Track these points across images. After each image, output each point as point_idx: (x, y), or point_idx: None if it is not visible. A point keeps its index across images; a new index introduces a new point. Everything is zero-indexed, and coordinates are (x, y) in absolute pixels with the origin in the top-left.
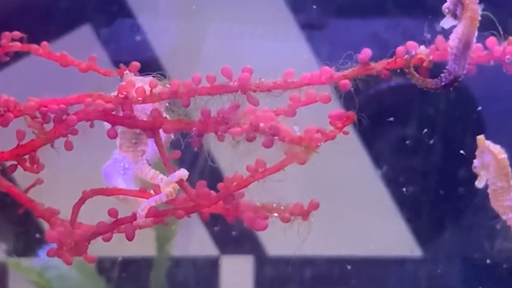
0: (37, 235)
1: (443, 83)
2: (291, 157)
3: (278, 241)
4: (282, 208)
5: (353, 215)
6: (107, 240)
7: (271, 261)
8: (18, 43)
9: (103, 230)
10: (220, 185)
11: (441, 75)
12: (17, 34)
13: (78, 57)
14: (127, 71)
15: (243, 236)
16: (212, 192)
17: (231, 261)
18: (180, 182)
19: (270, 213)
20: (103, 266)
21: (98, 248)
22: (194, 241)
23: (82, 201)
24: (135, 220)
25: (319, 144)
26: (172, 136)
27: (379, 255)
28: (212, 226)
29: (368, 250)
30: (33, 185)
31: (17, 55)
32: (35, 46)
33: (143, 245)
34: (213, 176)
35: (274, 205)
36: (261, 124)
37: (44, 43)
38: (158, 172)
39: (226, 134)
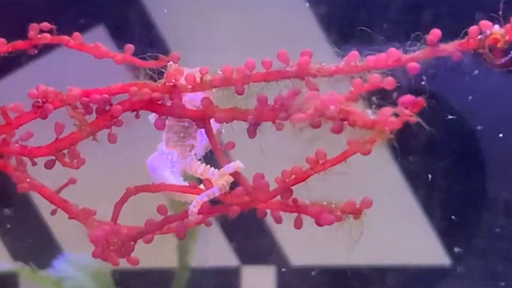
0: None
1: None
2: (355, 147)
3: (301, 250)
4: (333, 206)
5: (380, 224)
6: (149, 241)
7: (294, 271)
8: (48, 35)
9: (152, 229)
10: (277, 179)
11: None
12: (46, 25)
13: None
14: (171, 62)
15: (264, 245)
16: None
17: (253, 271)
18: (235, 174)
19: None
20: (121, 277)
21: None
22: (215, 251)
23: (125, 198)
24: (187, 217)
25: (394, 128)
26: (223, 131)
27: (406, 264)
28: (232, 236)
29: (394, 260)
30: (66, 185)
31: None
32: (66, 37)
33: (162, 256)
34: None
35: (324, 203)
36: (331, 107)
37: (76, 33)
38: (208, 166)
39: (285, 122)
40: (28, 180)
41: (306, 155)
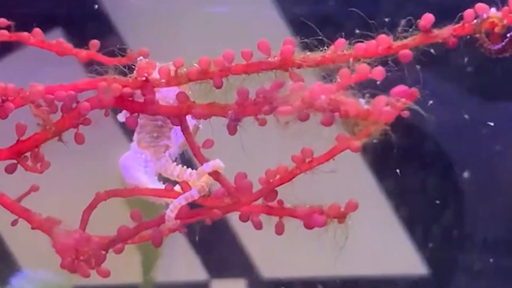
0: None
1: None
2: (343, 143)
3: (272, 262)
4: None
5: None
6: (119, 251)
7: (265, 284)
8: (5, 32)
9: (125, 236)
10: (261, 179)
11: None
12: (2, 21)
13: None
14: (141, 57)
15: (234, 258)
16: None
17: (222, 285)
18: (214, 174)
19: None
20: None
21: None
22: (181, 264)
23: (94, 204)
24: (163, 222)
25: (389, 119)
26: (201, 126)
27: (380, 274)
28: (200, 248)
29: (368, 270)
30: (27, 193)
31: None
32: (25, 34)
33: (125, 271)
34: None
35: (307, 206)
36: (322, 97)
37: (37, 29)
38: (185, 167)
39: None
40: None
41: (290, 153)
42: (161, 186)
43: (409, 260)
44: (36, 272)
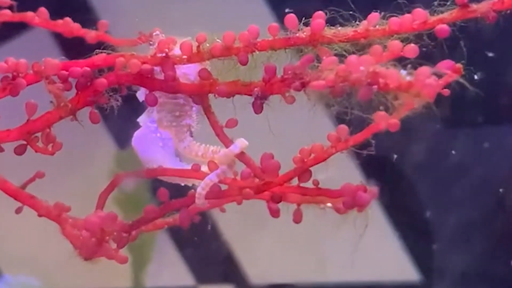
0: None
1: None
2: (382, 121)
3: (261, 268)
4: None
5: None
6: (133, 239)
7: None
8: (8, 11)
9: (152, 216)
10: (295, 158)
11: None
12: (5, 1)
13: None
14: (157, 32)
15: (222, 263)
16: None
17: None
18: (240, 154)
19: (323, 204)
20: None
21: (64, 278)
22: (170, 270)
23: (112, 187)
24: (193, 202)
25: (433, 92)
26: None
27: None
28: (188, 253)
29: (362, 276)
30: (32, 180)
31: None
32: (30, 14)
33: (114, 276)
34: None
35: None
36: (362, 68)
37: (42, 9)
38: (208, 145)
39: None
40: None
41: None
42: (182, 165)
43: (400, 267)
44: (16, 277)
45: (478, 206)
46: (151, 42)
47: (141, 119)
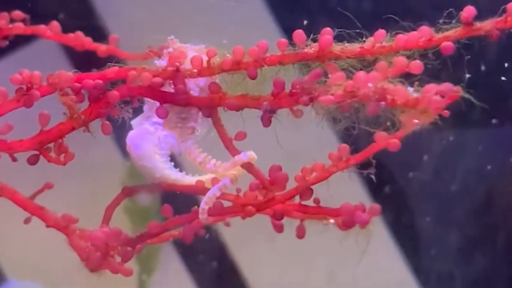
0: None
1: None
2: (382, 141)
3: (265, 280)
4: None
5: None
6: (138, 252)
7: None
8: (21, 25)
9: (155, 232)
10: (297, 177)
11: None
12: (18, 14)
13: (43, 66)
14: (172, 36)
15: (225, 271)
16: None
17: None
18: (248, 165)
19: (326, 220)
20: None
21: (69, 285)
22: (173, 279)
23: (118, 200)
24: (196, 218)
25: (439, 108)
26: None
27: None
28: (191, 262)
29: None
30: (41, 190)
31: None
32: (42, 27)
33: (121, 284)
34: None
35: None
36: (370, 84)
37: (54, 22)
38: (210, 156)
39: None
40: None
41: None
42: (172, 167)
43: (401, 278)
44: (22, 283)
45: (480, 224)
46: (159, 57)
47: (134, 122)
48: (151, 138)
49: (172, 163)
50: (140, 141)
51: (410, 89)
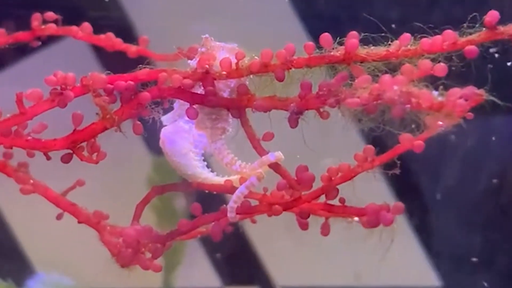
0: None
1: None
2: (407, 143)
3: (286, 270)
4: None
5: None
6: (167, 248)
7: None
8: (53, 25)
9: (186, 229)
10: (323, 177)
11: None
12: (50, 15)
13: (70, 65)
14: (206, 34)
15: (248, 266)
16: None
17: None
18: (275, 165)
19: (350, 218)
20: None
21: (95, 277)
22: (198, 272)
23: (148, 198)
24: (224, 216)
25: (463, 112)
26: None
27: (394, 285)
28: (214, 255)
29: (384, 281)
30: (72, 187)
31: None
32: (74, 28)
33: (147, 276)
34: None
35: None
36: (395, 87)
37: (86, 24)
38: (236, 158)
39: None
40: (31, 181)
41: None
42: (205, 166)
43: (421, 272)
44: (50, 275)
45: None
46: (191, 57)
47: (165, 118)
48: (186, 136)
49: (205, 163)
50: (176, 138)
51: (435, 92)
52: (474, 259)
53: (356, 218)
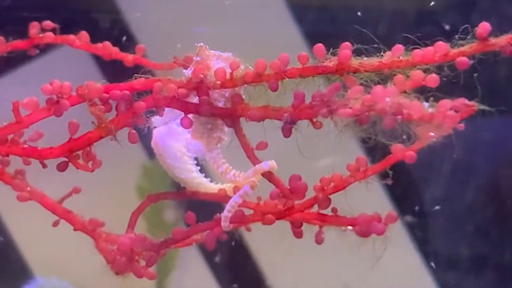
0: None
1: None
2: (398, 153)
3: (284, 273)
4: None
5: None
6: (161, 256)
7: None
8: (51, 34)
9: (179, 237)
10: (315, 187)
11: None
12: (48, 24)
13: (70, 69)
14: (201, 43)
15: (244, 269)
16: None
17: None
18: (268, 174)
19: (343, 227)
20: None
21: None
22: (194, 276)
23: (143, 207)
24: (216, 226)
25: (454, 124)
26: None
27: None
28: (212, 258)
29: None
30: (69, 195)
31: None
32: (71, 37)
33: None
34: None
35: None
36: (387, 99)
37: (83, 32)
38: (231, 167)
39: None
40: (28, 188)
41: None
42: (198, 171)
43: (419, 279)
44: (49, 280)
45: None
46: (186, 66)
47: (155, 119)
48: (179, 139)
49: (198, 167)
50: (169, 140)
51: (426, 104)
52: (470, 266)
53: (349, 227)
